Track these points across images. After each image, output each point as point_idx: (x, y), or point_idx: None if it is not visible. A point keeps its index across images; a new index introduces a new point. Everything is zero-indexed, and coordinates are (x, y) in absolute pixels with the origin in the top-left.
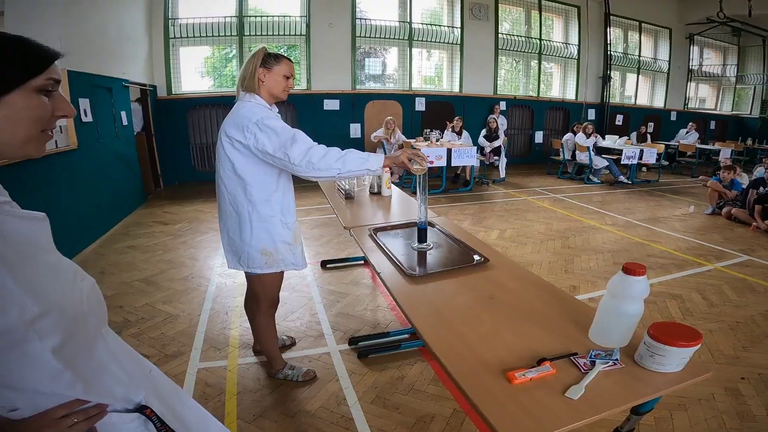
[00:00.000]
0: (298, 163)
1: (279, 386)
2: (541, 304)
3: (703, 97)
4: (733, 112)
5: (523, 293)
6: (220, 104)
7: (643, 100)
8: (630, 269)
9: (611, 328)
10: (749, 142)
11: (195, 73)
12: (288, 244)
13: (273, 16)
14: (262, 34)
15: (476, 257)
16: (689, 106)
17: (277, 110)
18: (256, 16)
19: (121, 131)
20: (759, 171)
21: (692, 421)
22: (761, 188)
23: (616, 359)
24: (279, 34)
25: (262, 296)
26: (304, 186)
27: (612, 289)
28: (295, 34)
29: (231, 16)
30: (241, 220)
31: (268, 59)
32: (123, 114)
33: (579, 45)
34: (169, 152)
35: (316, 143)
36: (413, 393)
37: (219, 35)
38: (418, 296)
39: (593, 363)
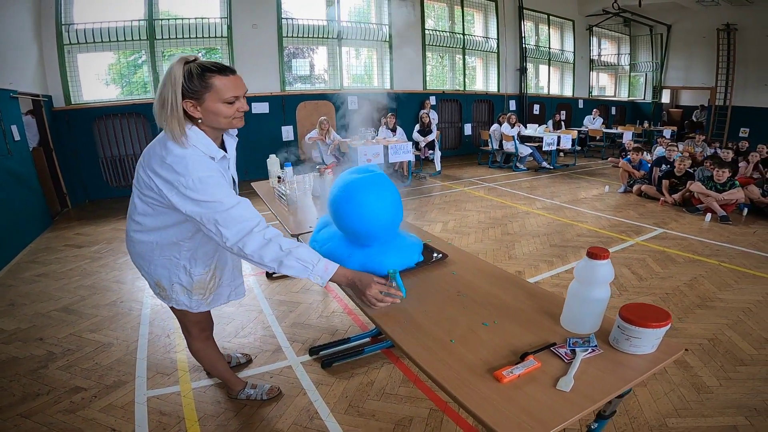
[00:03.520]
0: (230, 245)
1: (243, 407)
2: (509, 297)
3: (603, 85)
4: (630, 98)
5: (489, 288)
6: (132, 112)
7: (554, 90)
8: (594, 254)
9: (582, 314)
10: (645, 124)
11: (98, 82)
12: (185, 289)
13: (188, 19)
14: (176, 38)
15: (434, 254)
16: (593, 94)
17: (236, 132)
18: (169, 19)
19: (14, 147)
20: (659, 150)
21: (654, 396)
22: (663, 165)
23: (595, 345)
24: (197, 37)
25: (186, 322)
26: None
27: (578, 275)
28: (216, 37)
29: (139, 20)
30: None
31: (191, 82)
32: (14, 128)
33: (498, 39)
34: (75, 168)
35: (259, 224)
36: (386, 397)
37: (125, 40)
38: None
39: (573, 352)
